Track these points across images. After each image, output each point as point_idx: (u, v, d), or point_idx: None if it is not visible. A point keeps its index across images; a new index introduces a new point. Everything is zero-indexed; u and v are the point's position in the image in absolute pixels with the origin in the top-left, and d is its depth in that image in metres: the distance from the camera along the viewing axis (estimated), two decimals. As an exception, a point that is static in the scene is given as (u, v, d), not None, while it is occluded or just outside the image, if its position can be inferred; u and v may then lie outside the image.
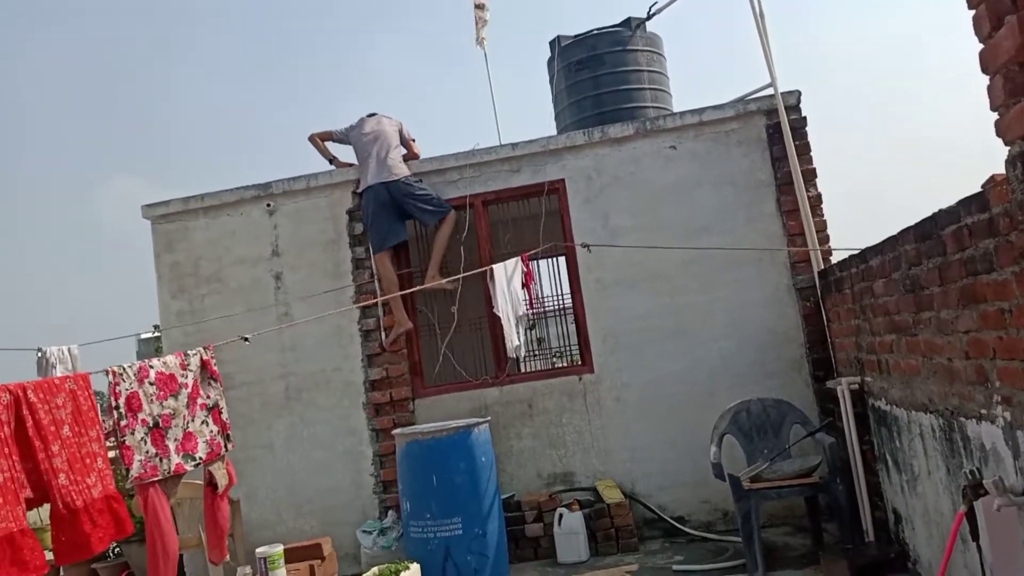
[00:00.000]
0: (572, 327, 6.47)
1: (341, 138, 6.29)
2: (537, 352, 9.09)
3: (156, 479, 3.12)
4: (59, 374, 5.99)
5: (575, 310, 6.01)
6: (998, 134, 2.23)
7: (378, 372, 5.91)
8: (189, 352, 3.48)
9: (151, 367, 3.22)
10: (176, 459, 3.23)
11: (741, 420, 4.91)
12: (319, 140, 6.33)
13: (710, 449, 4.74)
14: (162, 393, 3.22)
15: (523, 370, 6.98)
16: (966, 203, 2.71)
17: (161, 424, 3.18)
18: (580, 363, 6.03)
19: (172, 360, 3.36)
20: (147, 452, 3.09)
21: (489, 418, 5.36)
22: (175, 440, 3.24)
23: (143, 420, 3.11)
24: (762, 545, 4.43)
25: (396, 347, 5.92)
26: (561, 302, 7.59)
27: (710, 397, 5.41)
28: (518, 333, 5.57)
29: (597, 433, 5.71)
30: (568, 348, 7.95)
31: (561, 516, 5.19)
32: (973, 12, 2.26)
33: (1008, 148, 2.21)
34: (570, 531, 5.15)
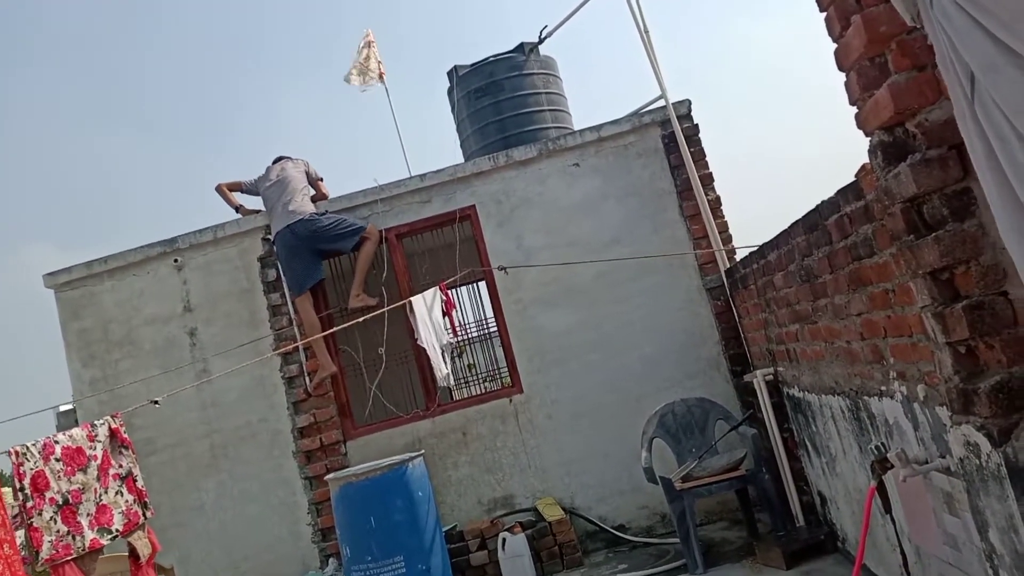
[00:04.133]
0: (500, 350, 6.50)
1: (250, 189, 6.20)
2: (469, 378, 9.08)
3: (70, 558, 2.98)
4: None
5: (500, 332, 6.04)
6: (859, 126, 2.36)
7: (306, 419, 5.80)
8: (96, 422, 3.35)
9: (56, 442, 3.09)
10: (91, 535, 3.09)
11: (667, 422, 5.01)
12: (226, 190, 6.22)
13: (641, 454, 4.82)
14: (70, 468, 3.09)
15: (455, 398, 6.96)
16: (843, 192, 2.86)
17: (71, 500, 3.05)
18: (510, 385, 6.05)
19: (79, 432, 3.23)
20: (58, 531, 2.96)
21: (423, 451, 5.32)
22: (88, 515, 3.11)
23: (51, 499, 2.97)
24: (700, 542, 4.52)
25: (322, 391, 5.83)
26: (487, 326, 7.62)
27: (637, 403, 5.51)
28: (445, 362, 5.56)
29: (532, 452, 5.73)
30: (499, 371, 7.97)
31: (504, 540, 5.17)
32: (824, 14, 2.41)
33: (869, 139, 2.34)
34: (514, 554, 5.13)
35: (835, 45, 2.38)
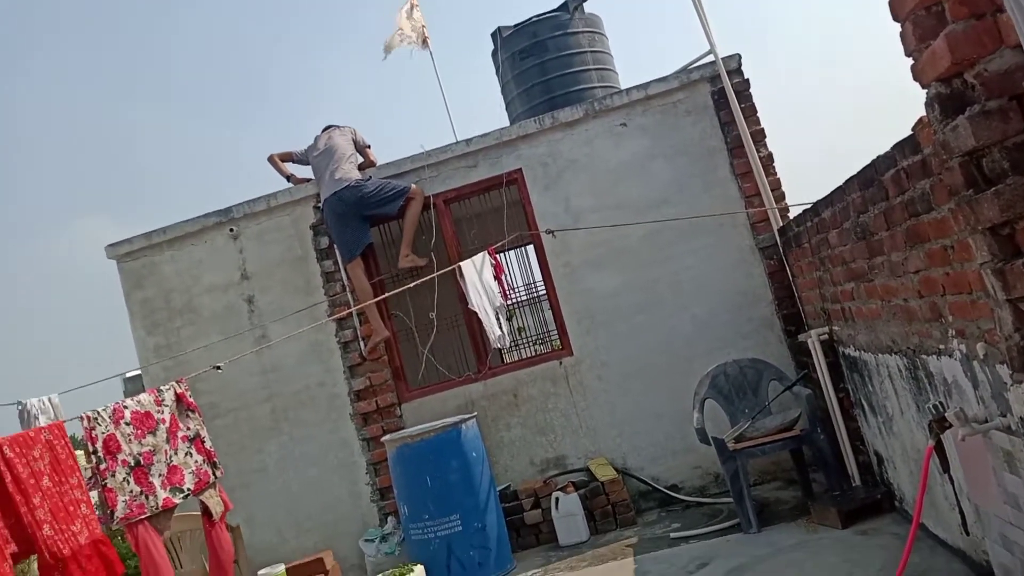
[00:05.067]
0: (549, 313, 6.53)
1: (300, 158, 6.30)
2: (519, 341, 9.15)
3: (144, 516, 3.14)
4: (42, 425, 5.97)
5: (548, 295, 6.06)
6: (915, 78, 2.29)
7: (361, 382, 5.94)
8: (162, 388, 3.50)
9: (126, 408, 3.23)
10: (164, 494, 3.25)
11: (720, 383, 4.99)
12: (277, 159, 6.33)
13: (693, 415, 4.82)
14: (140, 432, 3.23)
15: (506, 361, 7.03)
16: (900, 147, 2.78)
17: (143, 462, 3.20)
18: (560, 347, 6.09)
19: (146, 398, 3.38)
20: (131, 492, 3.11)
21: (476, 413, 5.42)
22: (160, 475, 3.26)
23: (123, 461, 3.13)
24: (753, 502, 4.52)
25: (376, 355, 5.95)
26: (535, 289, 7.65)
27: (688, 364, 5.49)
28: (499, 324, 5.61)
29: (583, 414, 5.78)
30: (548, 334, 8.01)
31: (558, 500, 5.26)
32: (879, -38, 2.32)
33: (925, 91, 2.27)
34: (568, 513, 5.22)
35: (890, -5, 2.30)
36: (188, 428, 3.52)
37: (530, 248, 7.03)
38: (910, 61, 2.31)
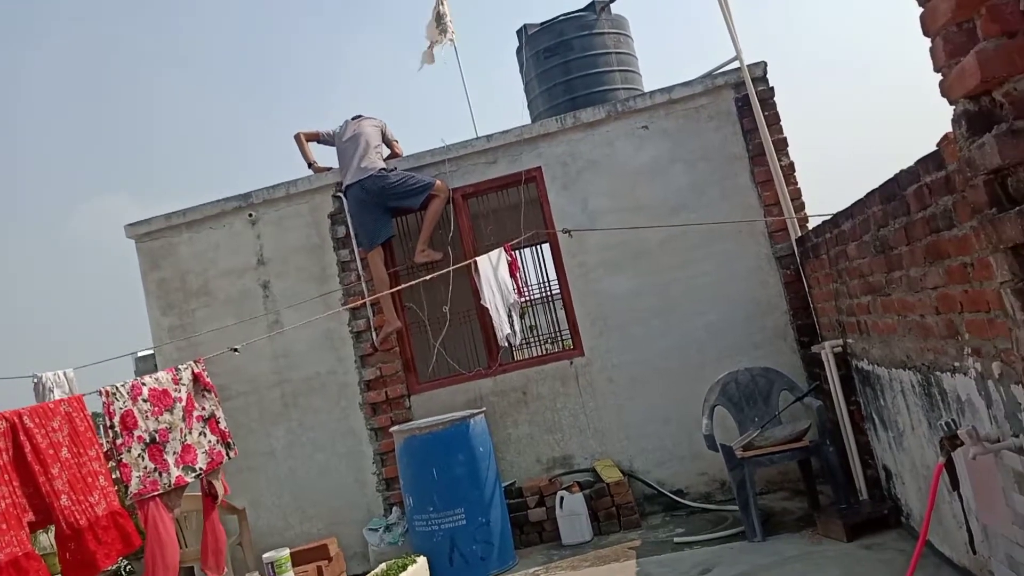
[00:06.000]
0: (562, 312, 6.55)
1: (327, 140, 6.32)
2: (530, 339, 9.16)
3: (156, 493, 3.18)
4: (56, 397, 6.04)
5: (562, 295, 6.07)
6: (943, 94, 2.28)
7: (372, 372, 5.97)
8: (180, 367, 3.54)
9: (144, 384, 3.27)
10: (176, 472, 3.29)
11: (730, 391, 4.99)
12: (304, 140, 6.33)
13: (702, 421, 4.83)
14: (157, 409, 3.27)
15: (516, 358, 7.05)
16: (924, 162, 2.78)
17: (158, 439, 3.24)
18: (571, 347, 6.10)
19: (164, 376, 3.42)
20: (145, 468, 3.16)
21: (485, 408, 5.44)
22: (174, 453, 3.30)
23: (139, 437, 3.17)
24: (759, 511, 4.52)
25: (387, 346, 5.98)
26: (548, 288, 7.66)
27: (699, 370, 5.49)
28: (511, 321, 5.62)
29: (592, 415, 5.79)
30: (559, 333, 8.03)
31: (562, 499, 5.27)
32: (912, -23, 2.32)
33: (953, 107, 2.27)
34: (572, 513, 5.24)
35: (920, 9, 2.30)
36: (204, 408, 3.56)
37: (546, 246, 7.05)
38: (938, 77, 2.31)
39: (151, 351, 6.49)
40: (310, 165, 6.33)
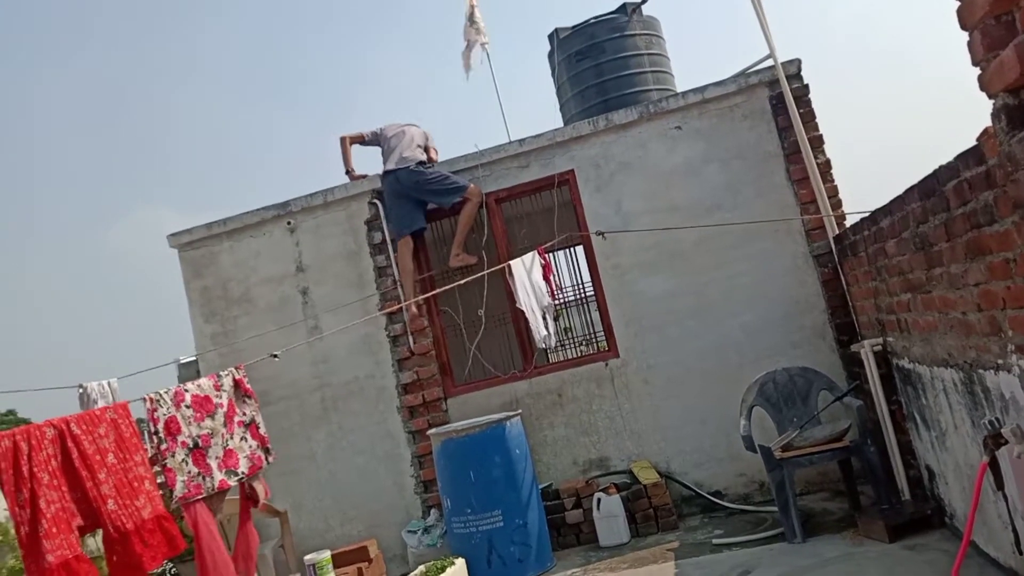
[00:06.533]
0: (596, 314, 6.54)
1: (371, 140, 6.42)
2: (565, 341, 9.17)
3: (201, 497, 3.26)
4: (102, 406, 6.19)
5: (596, 297, 6.07)
6: (981, 88, 2.25)
7: (409, 376, 6.03)
8: (221, 373, 3.62)
9: (186, 391, 3.36)
10: (220, 476, 3.36)
11: (768, 391, 4.95)
12: (347, 144, 6.42)
13: (739, 422, 4.79)
14: (199, 415, 3.35)
15: (552, 360, 7.06)
16: (963, 157, 2.74)
17: (201, 444, 3.32)
18: (606, 349, 6.09)
19: (206, 383, 3.50)
20: (189, 472, 3.23)
21: (520, 411, 5.46)
22: (216, 458, 3.38)
23: (183, 442, 3.25)
24: (799, 512, 4.48)
25: (423, 350, 6.03)
26: (583, 290, 7.66)
27: (737, 371, 5.45)
28: (545, 324, 5.64)
29: (628, 416, 5.77)
30: (594, 335, 8.02)
31: (599, 500, 5.27)
32: (947, -30, 2.29)
33: (992, 101, 2.23)
34: (609, 515, 5.23)
35: (958, 3, 2.27)
36: (244, 413, 3.64)
37: (579, 249, 7.05)
38: (977, 71, 2.28)
39: (194, 358, 6.63)
40: (348, 172, 6.42)
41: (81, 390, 6.22)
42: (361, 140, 6.44)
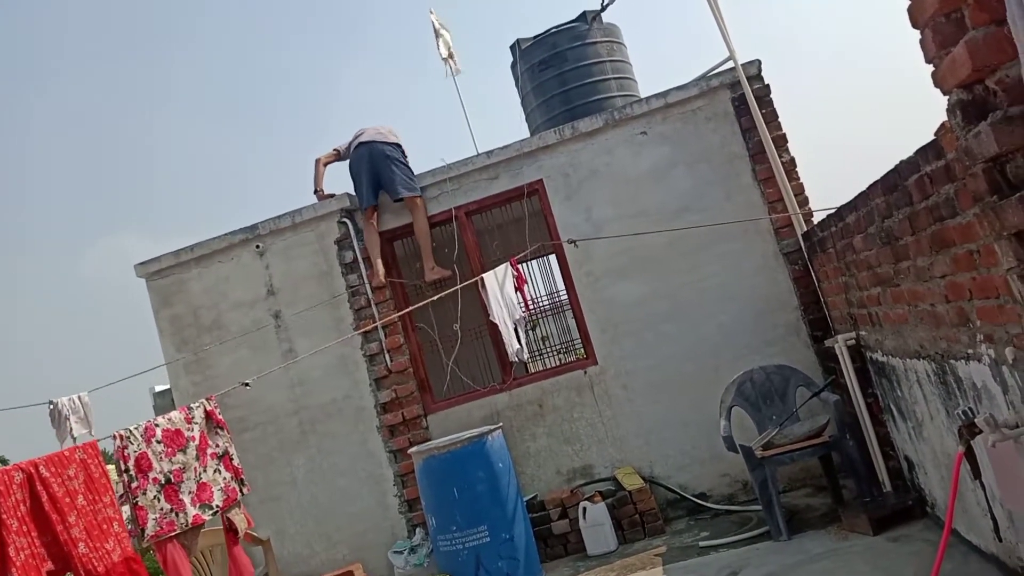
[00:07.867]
0: (573, 321, 6.54)
1: (345, 152, 6.37)
2: (544, 350, 9.15)
3: (174, 534, 3.19)
4: (73, 424, 6.08)
5: (571, 304, 6.07)
6: (936, 85, 2.28)
7: (387, 394, 5.97)
8: (192, 405, 3.55)
9: (157, 425, 3.29)
10: (193, 511, 3.29)
11: (746, 390, 4.96)
12: (322, 167, 6.39)
13: (720, 423, 4.80)
14: (170, 450, 3.28)
15: (531, 371, 7.04)
16: (923, 152, 2.77)
17: (173, 479, 3.25)
18: (584, 357, 6.08)
19: (177, 415, 3.43)
20: (161, 509, 3.16)
21: (501, 424, 5.43)
22: (189, 492, 3.31)
23: (154, 479, 3.18)
24: (783, 510, 4.49)
25: (401, 367, 5.98)
26: (558, 298, 7.66)
27: (715, 372, 5.47)
28: (518, 337, 5.63)
29: (610, 423, 5.77)
30: (572, 342, 8.02)
31: (585, 509, 5.25)
32: (897, -32, 2.32)
33: (947, 97, 2.26)
34: (595, 523, 5.21)
35: (909, 1, 2.29)
36: (217, 445, 3.57)
37: (552, 258, 7.05)
38: (930, 68, 2.30)
39: (168, 387, 6.52)
40: (316, 191, 6.36)
41: (51, 406, 6.09)
42: (337, 157, 6.40)
